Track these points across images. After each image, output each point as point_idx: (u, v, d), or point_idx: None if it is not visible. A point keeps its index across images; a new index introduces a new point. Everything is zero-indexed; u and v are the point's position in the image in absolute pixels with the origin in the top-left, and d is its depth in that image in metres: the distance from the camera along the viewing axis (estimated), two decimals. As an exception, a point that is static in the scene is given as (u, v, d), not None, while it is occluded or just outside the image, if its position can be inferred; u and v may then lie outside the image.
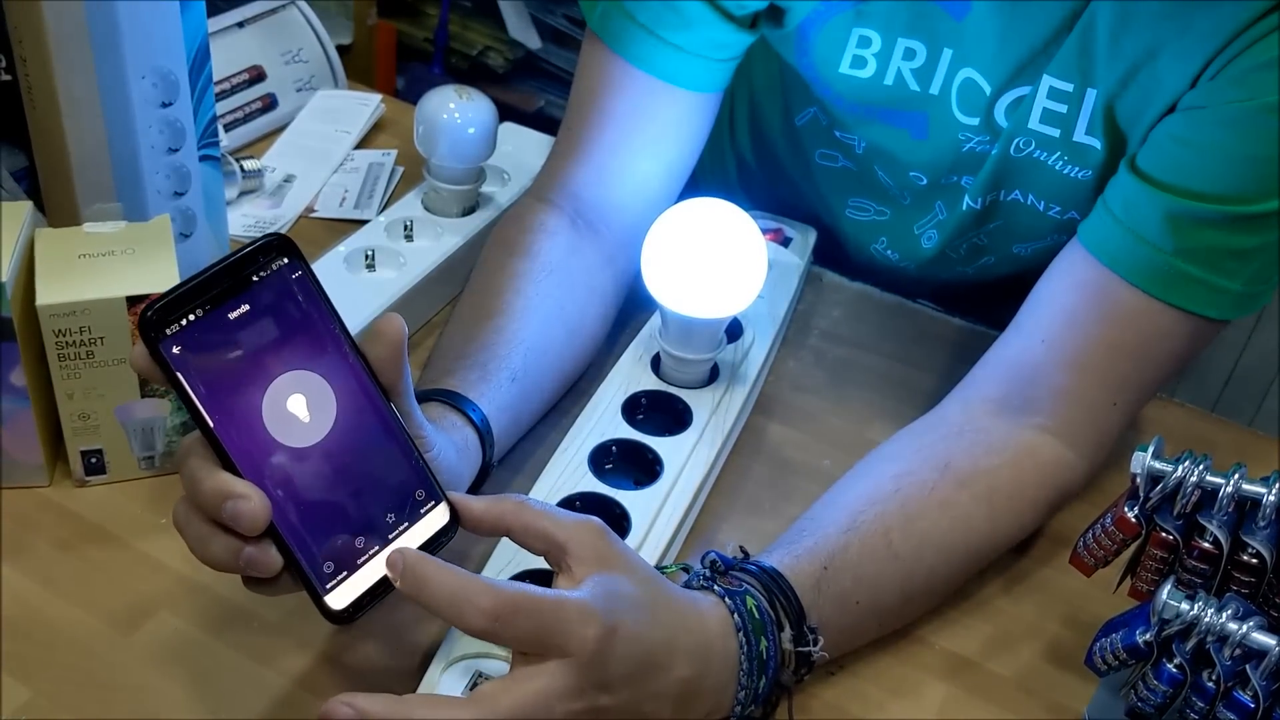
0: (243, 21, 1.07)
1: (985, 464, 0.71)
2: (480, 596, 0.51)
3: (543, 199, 0.82)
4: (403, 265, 0.85)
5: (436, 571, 0.52)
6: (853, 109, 0.85)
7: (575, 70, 0.83)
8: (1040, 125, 0.78)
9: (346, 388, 0.54)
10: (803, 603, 0.61)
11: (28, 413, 0.69)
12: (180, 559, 0.68)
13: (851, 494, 0.69)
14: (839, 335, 0.91)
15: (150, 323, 0.50)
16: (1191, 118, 0.70)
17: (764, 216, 0.95)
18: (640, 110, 0.80)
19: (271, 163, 1.01)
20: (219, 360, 0.51)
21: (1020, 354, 0.74)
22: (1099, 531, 0.63)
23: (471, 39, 2.28)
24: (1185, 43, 0.70)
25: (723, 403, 0.77)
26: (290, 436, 0.53)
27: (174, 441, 0.72)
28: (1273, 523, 0.58)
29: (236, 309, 0.52)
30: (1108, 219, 0.72)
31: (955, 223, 0.89)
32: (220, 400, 0.51)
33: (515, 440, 0.74)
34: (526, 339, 0.73)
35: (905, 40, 0.79)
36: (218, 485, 0.50)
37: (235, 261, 0.52)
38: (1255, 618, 0.56)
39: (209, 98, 0.77)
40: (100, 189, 0.75)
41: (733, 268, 0.73)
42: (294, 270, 0.54)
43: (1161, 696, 0.58)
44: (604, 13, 0.79)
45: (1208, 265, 0.69)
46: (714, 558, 0.63)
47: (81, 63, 0.70)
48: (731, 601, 0.59)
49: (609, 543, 0.56)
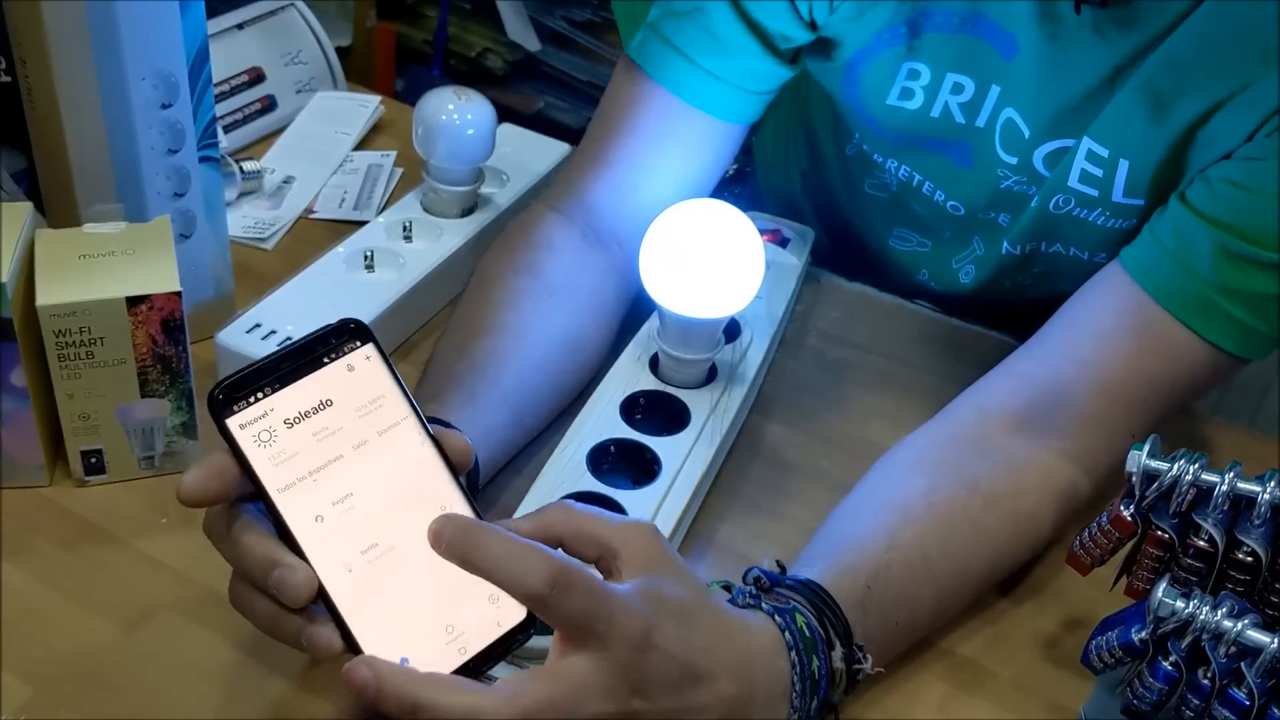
0: (242, 23, 1.07)
1: (1010, 486, 0.70)
2: (542, 560, 0.49)
3: (555, 209, 0.82)
4: (402, 266, 0.85)
5: (494, 537, 0.50)
6: (895, 139, 0.85)
7: (605, 92, 0.83)
8: (1079, 184, 0.78)
9: (417, 473, 0.53)
10: (848, 620, 0.60)
11: (28, 413, 0.69)
12: (180, 559, 0.68)
13: (881, 506, 0.68)
14: (837, 335, 0.91)
15: (218, 402, 0.49)
16: (1249, 167, 0.70)
17: (762, 217, 0.95)
18: (664, 130, 0.80)
19: (271, 164, 1.01)
20: (286, 440, 0.50)
21: (1050, 372, 0.73)
22: (1095, 530, 0.63)
23: (470, 41, 2.28)
24: (1245, 99, 0.69)
25: (721, 403, 0.77)
26: (355, 519, 0.51)
27: (174, 441, 0.72)
28: (1267, 521, 0.58)
29: (307, 390, 0.51)
30: (1156, 247, 0.71)
31: (994, 263, 0.88)
32: (285, 479, 0.50)
33: (509, 459, 0.73)
34: (523, 358, 0.72)
35: (954, 75, 0.79)
36: (265, 552, 0.50)
37: (308, 343, 0.52)
38: (1250, 615, 0.56)
39: (209, 99, 0.77)
40: (100, 190, 0.75)
41: (731, 268, 0.74)
42: (367, 354, 0.53)
43: (1157, 694, 0.58)
44: (643, 39, 0.79)
45: (1246, 306, 0.69)
46: (758, 574, 0.61)
47: (81, 64, 0.70)
48: (782, 619, 0.58)
49: (661, 546, 0.55)
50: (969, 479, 0.69)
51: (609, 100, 0.82)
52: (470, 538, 0.50)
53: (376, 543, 0.51)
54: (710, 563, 0.72)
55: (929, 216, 0.90)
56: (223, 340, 0.77)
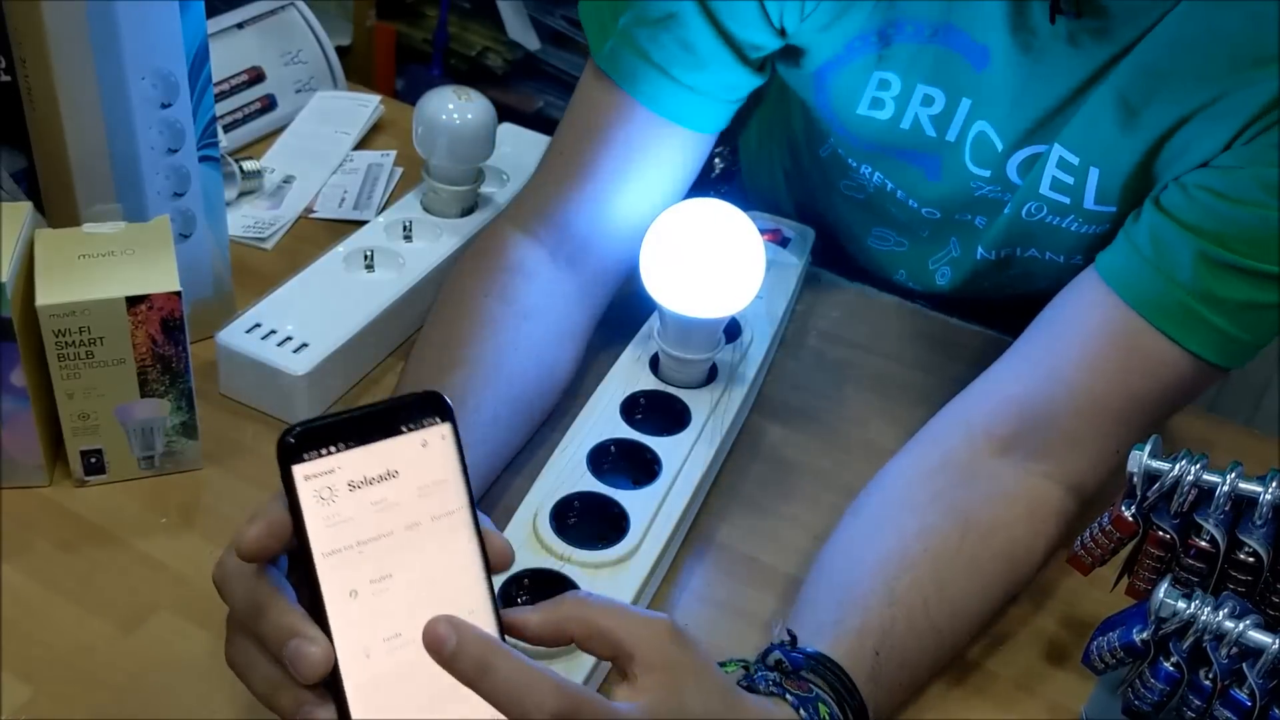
0: (242, 23, 1.07)
1: (1002, 516, 0.69)
2: (547, 695, 0.47)
3: (523, 228, 0.79)
4: (402, 266, 0.85)
5: (505, 661, 0.47)
6: (867, 146, 0.85)
7: (571, 101, 0.80)
8: (1050, 192, 0.77)
9: (456, 569, 0.50)
10: (862, 695, 0.59)
11: (28, 413, 0.69)
12: (180, 559, 0.68)
13: (878, 553, 0.67)
14: (837, 335, 0.91)
15: (289, 446, 0.47)
16: (1227, 175, 0.69)
17: (762, 217, 0.95)
18: (642, 146, 0.78)
19: (271, 163, 1.01)
20: (345, 502, 0.48)
21: (1034, 394, 0.72)
22: (1096, 531, 0.63)
23: (470, 40, 2.28)
24: (1219, 110, 0.68)
25: (721, 402, 0.77)
26: (387, 603, 0.49)
27: (173, 441, 0.72)
28: (1269, 521, 0.58)
29: (377, 456, 0.49)
30: (1135, 257, 0.70)
31: (970, 267, 0.88)
32: (333, 544, 0.48)
33: (486, 490, 0.72)
34: (498, 390, 0.71)
35: (925, 87, 0.78)
36: (288, 620, 0.47)
37: (390, 407, 0.50)
38: (1252, 616, 0.56)
39: (208, 98, 0.77)
40: (100, 189, 0.75)
41: (731, 268, 0.73)
42: (443, 433, 0.51)
43: (1159, 695, 0.58)
44: (614, 50, 0.76)
45: (1228, 315, 0.68)
46: (779, 657, 0.59)
47: (81, 63, 0.70)
48: (807, 712, 0.56)
49: (680, 648, 0.52)
50: (961, 514, 0.68)
51: (580, 113, 0.79)
52: (480, 661, 0.47)
53: (400, 633, 0.48)
54: (710, 563, 0.72)
55: (905, 219, 0.90)
56: (223, 340, 0.77)
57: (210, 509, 0.72)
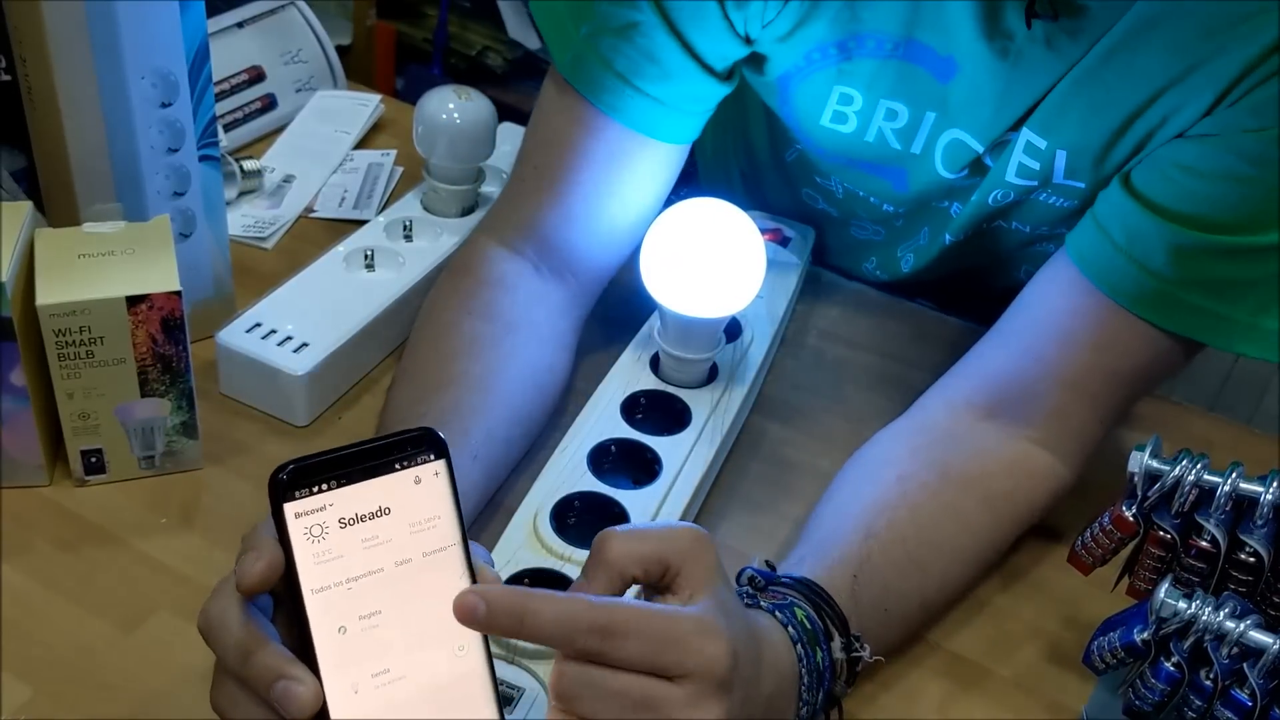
0: (242, 22, 1.07)
1: (982, 468, 0.71)
2: (587, 614, 0.48)
3: (502, 242, 0.79)
4: (402, 265, 0.85)
5: (538, 602, 0.48)
6: (833, 158, 0.85)
7: (537, 107, 0.79)
8: (1016, 178, 0.77)
9: (446, 606, 0.49)
10: (843, 610, 0.61)
11: (28, 413, 0.69)
12: (180, 559, 0.68)
13: (857, 501, 0.68)
14: (838, 335, 0.91)
15: (281, 484, 0.48)
16: (1202, 145, 0.68)
17: (763, 216, 0.95)
18: (617, 161, 0.77)
19: (271, 163, 1.01)
20: (335, 539, 0.48)
21: (1013, 370, 0.73)
22: (1097, 530, 0.63)
23: (471, 39, 2.29)
24: (1196, 80, 0.68)
25: (721, 402, 0.77)
26: (376, 639, 0.49)
27: (174, 441, 0.72)
28: (1270, 521, 0.58)
29: (369, 493, 0.49)
30: (1107, 245, 0.70)
31: (935, 253, 0.89)
32: (322, 581, 0.48)
33: (482, 510, 0.71)
34: (490, 412, 0.70)
35: (887, 101, 0.77)
36: (275, 662, 0.47)
37: (384, 444, 0.50)
38: (1252, 616, 0.56)
39: (208, 98, 0.77)
40: (100, 189, 0.75)
41: (731, 267, 0.73)
42: (436, 470, 0.51)
43: (1159, 695, 0.58)
44: (577, 58, 0.74)
45: (1213, 294, 0.68)
46: (752, 573, 0.61)
47: (81, 63, 0.70)
48: (783, 615, 0.58)
49: (716, 553, 0.53)
50: (940, 465, 0.70)
51: (548, 124, 0.78)
52: (511, 611, 0.48)
53: (389, 669, 0.49)
54: (711, 563, 0.72)
55: (875, 217, 0.90)
56: (223, 340, 0.77)
57: (210, 509, 0.72)
